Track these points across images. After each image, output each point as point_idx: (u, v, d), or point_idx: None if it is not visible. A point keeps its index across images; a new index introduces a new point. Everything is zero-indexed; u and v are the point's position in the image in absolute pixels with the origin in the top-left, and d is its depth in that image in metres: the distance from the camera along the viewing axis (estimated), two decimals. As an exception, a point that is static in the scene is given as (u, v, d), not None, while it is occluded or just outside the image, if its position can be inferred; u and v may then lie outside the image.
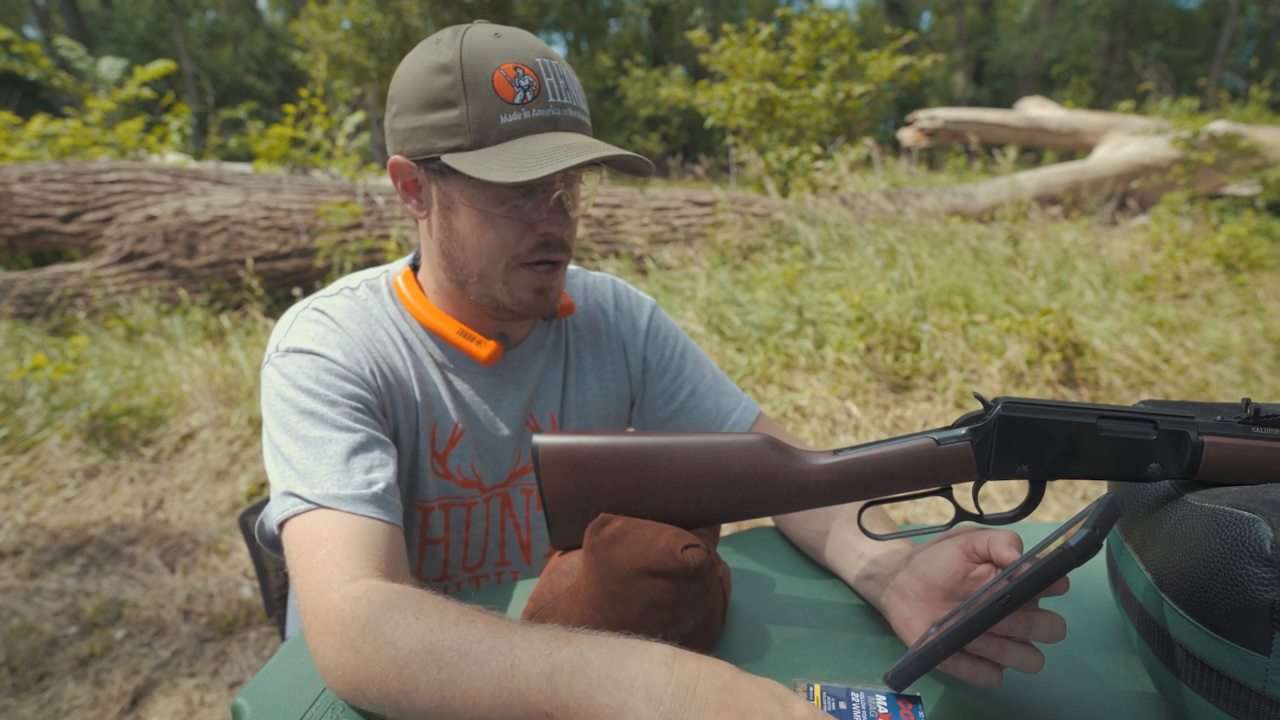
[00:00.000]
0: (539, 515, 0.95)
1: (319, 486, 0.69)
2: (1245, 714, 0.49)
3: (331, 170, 5.92)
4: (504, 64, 0.73)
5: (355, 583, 0.62)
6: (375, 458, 0.74)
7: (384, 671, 0.56)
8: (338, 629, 0.59)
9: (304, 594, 0.64)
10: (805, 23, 6.34)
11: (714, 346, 3.55)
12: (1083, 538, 0.46)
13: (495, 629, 0.55)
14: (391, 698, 0.56)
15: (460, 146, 0.74)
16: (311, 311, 0.82)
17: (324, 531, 0.67)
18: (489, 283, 0.81)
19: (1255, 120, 7.97)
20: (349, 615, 0.59)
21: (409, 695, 0.55)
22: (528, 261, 0.80)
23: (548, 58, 0.75)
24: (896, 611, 0.66)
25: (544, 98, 0.74)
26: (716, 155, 14.31)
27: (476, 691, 0.53)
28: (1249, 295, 4.18)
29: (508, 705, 0.52)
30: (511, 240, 0.78)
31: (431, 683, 0.54)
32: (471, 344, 0.84)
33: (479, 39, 0.74)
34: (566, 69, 0.78)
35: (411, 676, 0.55)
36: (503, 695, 0.52)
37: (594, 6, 22.75)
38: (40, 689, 1.86)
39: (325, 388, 0.75)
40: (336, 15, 14.33)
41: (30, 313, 4.14)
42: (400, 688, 0.55)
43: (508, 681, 0.52)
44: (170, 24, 22.99)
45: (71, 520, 2.66)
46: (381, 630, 0.57)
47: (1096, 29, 24.47)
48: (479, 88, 0.72)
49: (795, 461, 0.65)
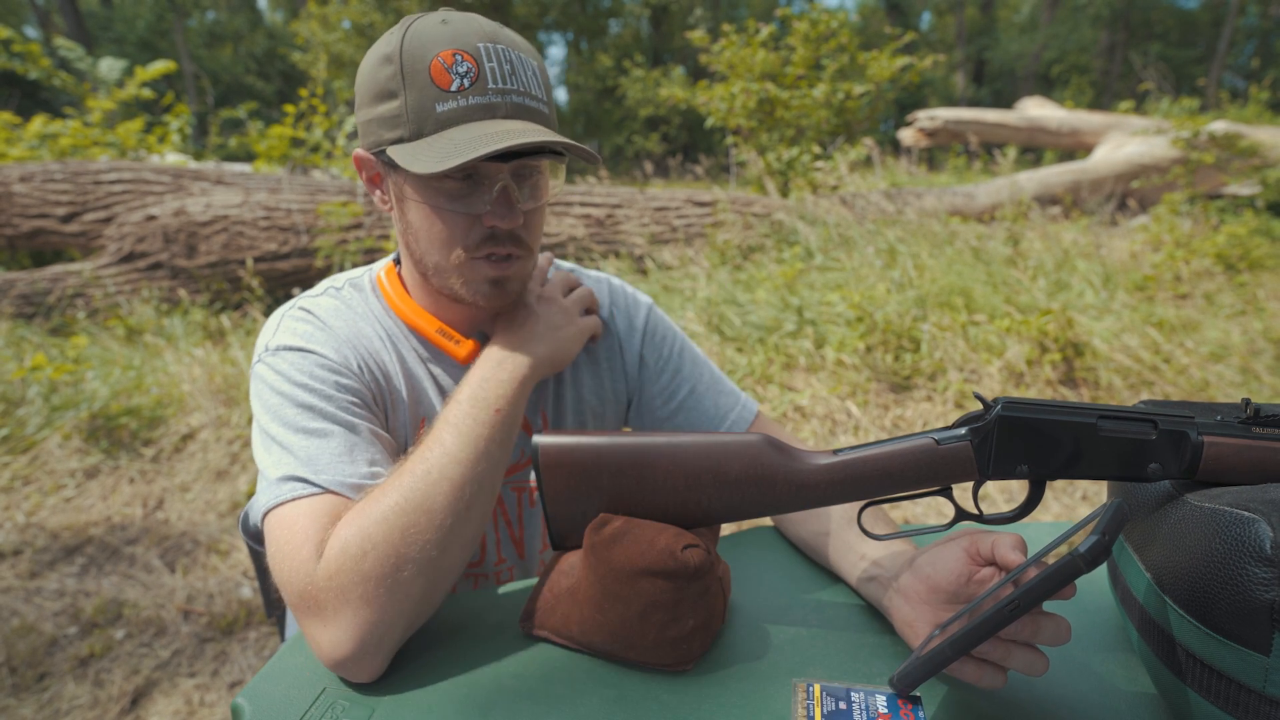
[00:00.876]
0: (531, 512, 0.95)
1: (325, 473, 0.69)
2: (1245, 714, 0.49)
3: (331, 170, 5.92)
4: (443, 51, 0.71)
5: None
6: (376, 450, 0.74)
7: (381, 557, 0.63)
8: (353, 564, 0.63)
9: (299, 569, 0.64)
10: (805, 23, 6.34)
11: (714, 346, 3.55)
12: (1092, 544, 0.46)
13: (426, 456, 0.69)
14: (429, 562, 0.66)
15: (401, 138, 0.73)
16: (298, 311, 0.82)
17: (323, 512, 0.67)
18: (444, 275, 0.80)
19: (1255, 120, 7.97)
20: (342, 539, 0.64)
21: (440, 545, 0.67)
22: (478, 255, 0.78)
23: (493, 42, 0.72)
24: (900, 613, 0.66)
25: (482, 84, 0.71)
26: (716, 155, 14.31)
27: (468, 499, 0.69)
28: (1249, 295, 4.18)
29: (496, 456, 0.73)
30: (459, 233, 0.77)
31: (428, 537, 0.65)
32: (450, 343, 0.84)
33: (424, 27, 0.72)
34: (518, 54, 0.74)
35: (419, 532, 0.65)
36: (489, 458, 0.72)
37: (594, 6, 22.75)
38: (40, 689, 1.86)
39: (320, 382, 0.75)
40: (336, 15, 14.34)
41: (30, 313, 4.14)
42: (424, 552, 0.65)
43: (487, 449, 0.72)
44: (170, 24, 22.99)
45: (71, 520, 2.66)
46: (367, 533, 0.64)
47: (1096, 29, 24.47)
48: (417, 76, 0.71)
49: (795, 461, 0.65)
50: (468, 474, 0.69)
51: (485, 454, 0.71)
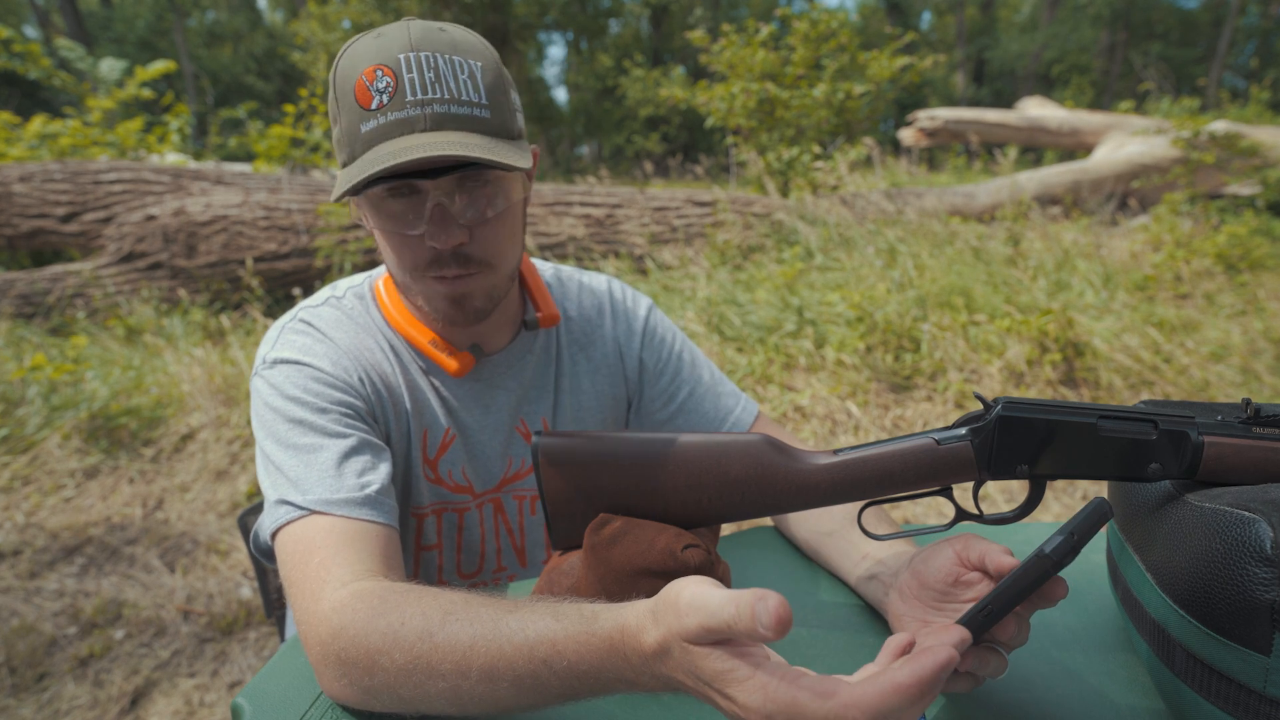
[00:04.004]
0: (532, 520, 0.95)
1: (311, 492, 0.68)
2: (1245, 714, 0.49)
3: (331, 170, 5.92)
4: (366, 68, 0.68)
5: (344, 588, 0.61)
6: (367, 461, 0.73)
7: (389, 682, 0.55)
8: (330, 640, 0.58)
9: (298, 605, 0.63)
10: (805, 22, 6.34)
11: (714, 346, 3.55)
12: (1058, 544, 0.46)
13: (481, 634, 0.53)
14: (406, 700, 0.56)
15: (345, 163, 0.72)
16: (297, 323, 0.82)
17: (317, 538, 0.66)
18: (409, 293, 0.80)
19: (1255, 120, 7.98)
20: (339, 626, 0.58)
21: (426, 699, 0.55)
22: (430, 275, 0.76)
23: (418, 50, 0.68)
24: (893, 608, 0.66)
25: (400, 99, 0.68)
26: (716, 155, 14.32)
27: (494, 693, 0.52)
28: (1249, 295, 4.18)
29: (529, 701, 0.53)
30: (406, 254, 0.75)
31: (441, 690, 0.54)
32: (443, 355, 0.84)
33: (357, 47, 0.71)
34: (450, 57, 0.70)
35: (418, 685, 0.54)
36: (521, 699, 0.52)
37: (594, 6, 22.75)
38: (40, 689, 1.86)
39: (313, 396, 0.75)
40: (336, 15, 14.34)
41: (30, 313, 4.14)
42: (411, 694, 0.55)
43: (520, 687, 0.52)
44: (170, 24, 22.98)
45: (71, 520, 2.66)
46: (372, 641, 0.56)
47: (1097, 29, 24.47)
48: (346, 98, 0.70)
49: (795, 461, 0.65)
50: (489, 694, 0.53)
51: (514, 698, 0.53)
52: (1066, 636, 0.70)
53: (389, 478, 0.74)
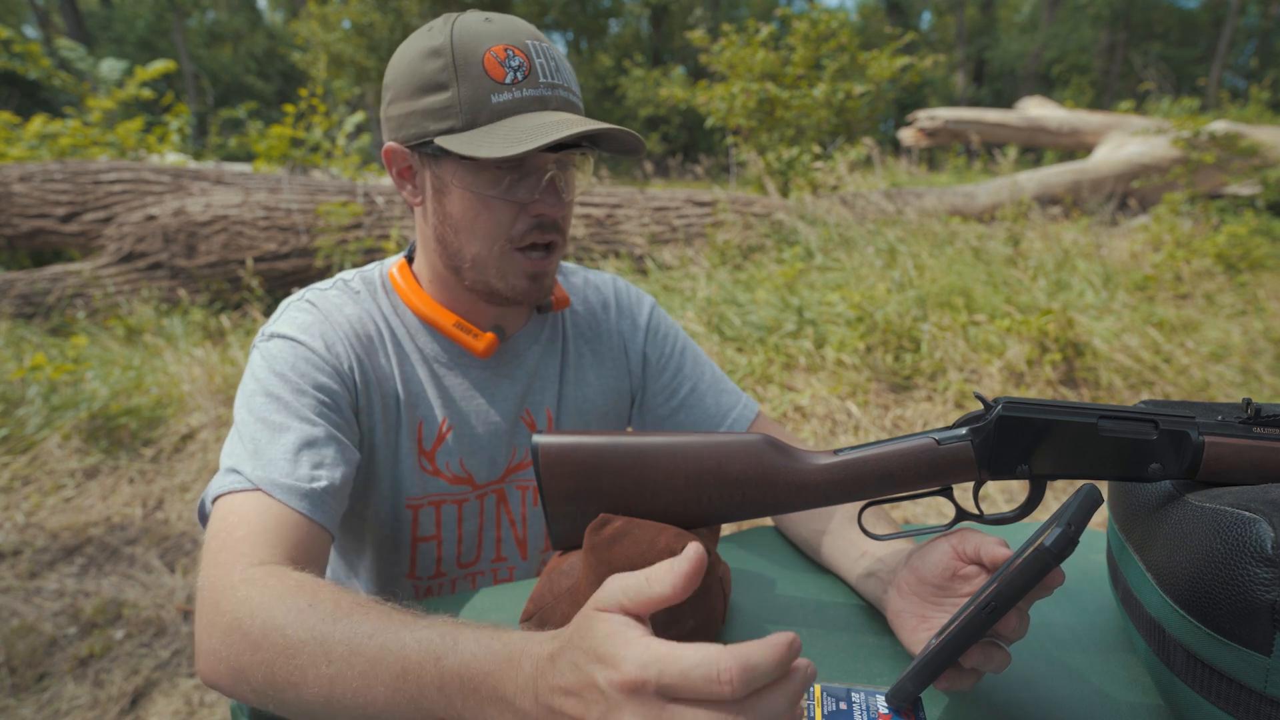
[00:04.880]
0: (535, 511, 0.95)
1: (263, 469, 0.69)
2: (1245, 714, 0.49)
3: (331, 170, 5.93)
4: (494, 45, 0.74)
5: (260, 566, 0.62)
6: (327, 455, 0.73)
7: (271, 659, 0.55)
8: (229, 609, 0.58)
9: (208, 571, 0.63)
10: (805, 22, 6.35)
11: (714, 346, 3.55)
12: (1057, 536, 0.46)
13: (385, 625, 0.53)
14: (277, 687, 0.55)
15: (453, 128, 0.74)
16: (303, 301, 0.83)
17: (252, 514, 0.66)
18: (483, 268, 0.81)
19: (1255, 120, 7.98)
20: (243, 596, 0.58)
21: (296, 687, 0.54)
22: (521, 245, 0.80)
23: (538, 40, 0.76)
24: (891, 604, 0.67)
25: (534, 78, 0.75)
26: (716, 155, 14.32)
27: (369, 690, 0.52)
28: (1249, 295, 4.18)
29: (401, 709, 0.51)
30: (505, 222, 0.79)
31: (321, 677, 0.53)
32: (468, 336, 0.85)
33: (470, 23, 0.75)
34: (557, 52, 0.79)
35: (299, 668, 0.54)
36: (396, 699, 0.51)
37: (594, 6, 22.76)
38: (40, 689, 1.86)
39: (298, 375, 0.76)
40: (336, 15, 14.35)
41: (30, 313, 4.14)
42: (287, 678, 0.54)
43: (401, 684, 0.51)
44: (170, 24, 22.98)
45: (71, 520, 2.66)
46: (273, 614, 0.56)
47: (1097, 29, 24.47)
48: (470, 69, 0.73)
49: (795, 461, 0.65)
50: (364, 690, 0.52)
51: (387, 698, 0.52)
52: (1066, 636, 0.70)
53: (342, 481, 0.73)
